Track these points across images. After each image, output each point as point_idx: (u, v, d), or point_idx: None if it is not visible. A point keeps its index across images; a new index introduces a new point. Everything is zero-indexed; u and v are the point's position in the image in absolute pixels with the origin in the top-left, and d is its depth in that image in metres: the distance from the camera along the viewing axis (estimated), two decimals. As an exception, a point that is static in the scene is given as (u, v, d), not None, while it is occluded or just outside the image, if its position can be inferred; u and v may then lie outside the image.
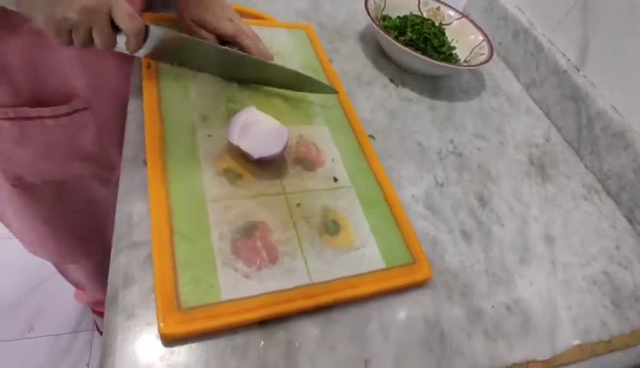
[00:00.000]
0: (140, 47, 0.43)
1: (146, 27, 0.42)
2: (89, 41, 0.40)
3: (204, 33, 0.52)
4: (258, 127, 0.42)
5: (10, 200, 0.62)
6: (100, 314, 1.12)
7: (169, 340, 0.32)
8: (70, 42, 0.39)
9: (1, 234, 1.24)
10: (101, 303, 1.07)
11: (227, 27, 0.51)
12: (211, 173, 0.41)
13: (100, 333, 1.16)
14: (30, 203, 0.63)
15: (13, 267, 1.22)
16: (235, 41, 0.51)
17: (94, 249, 0.80)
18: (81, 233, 0.73)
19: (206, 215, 0.38)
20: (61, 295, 1.17)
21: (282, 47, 0.60)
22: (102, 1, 0.38)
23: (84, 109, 0.55)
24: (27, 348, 1.11)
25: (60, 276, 0.98)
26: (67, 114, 0.54)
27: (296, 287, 0.36)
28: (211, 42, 0.51)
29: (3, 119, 0.50)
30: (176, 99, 0.47)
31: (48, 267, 0.96)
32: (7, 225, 0.71)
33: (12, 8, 0.38)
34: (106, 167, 0.64)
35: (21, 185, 0.59)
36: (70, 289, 1.08)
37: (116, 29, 0.40)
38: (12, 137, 0.53)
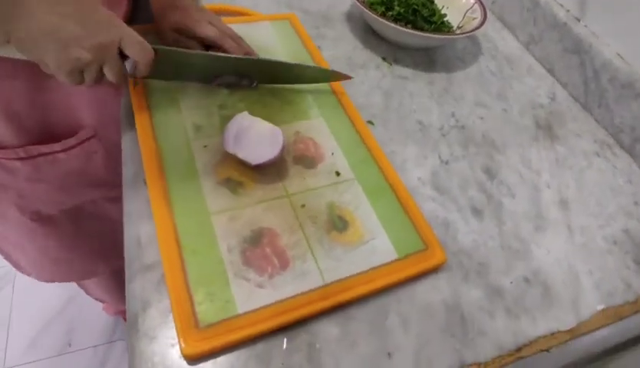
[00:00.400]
0: (148, 72, 0.42)
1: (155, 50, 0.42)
2: (100, 78, 0.39)
3: (184, 40, 0.51)
4: (253, 132, 0.42)
5: (28, 234, 0.63)
6: (132, 322, 1.16)
7: (193, 359, 0.32)
8: (82, 81, 0.39)
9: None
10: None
11: (208, 31, 0.49)
12: (212, 185, 0.41)
13: (134, 340, 1.19)
14: (50, 233, 0.64)
15: (41, 288, 1.26)
16: (216, 44, 0.50)
17: (114, 261, 0.82)
18: (100, 250, 0.75)
19: (212, 228, 0.38)
20: (91, 309, 1.21)
21: (267, 40, 0.58)
22: (112, 36, 0.37)
23: (92, 137, 0.55)
24: (68, 363, 1.15)
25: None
26: (77, 145, 0.54)
27: (311, 290, 0.36)
28: (202, 50, 0.50)
29: (15, 159, 0.51)
30: (168, 113, 0.47)
31: (74, 283, 0.99)
32: (16, 263, 0.72)
33: (15, 56, 0.37)
34: (118, 186, 0.65)
35: (39, 219, 0.60)
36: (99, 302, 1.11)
37: (123, 57, 0.40)
38: (26, 175, 0.53)
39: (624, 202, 0.51)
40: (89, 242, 0.71)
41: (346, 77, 0.53)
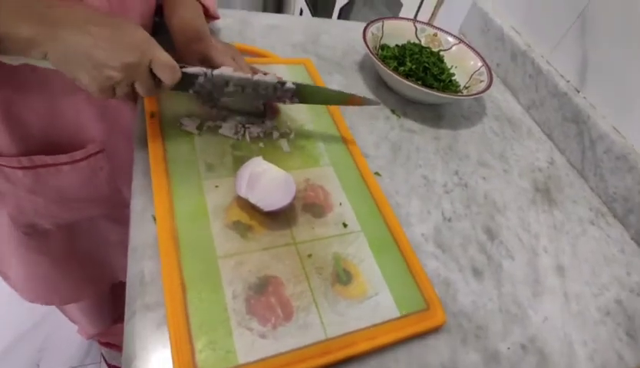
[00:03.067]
0: (171, 88, 0.44)
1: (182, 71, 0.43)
2: (131, 92, 0.41)
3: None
4: (266, 178, 0.42)
5: (18, 248, 0.61)
6: (106, 345, 1.11)
7: (189, 410, 0.32)
8: (113, 96, 0.40)
9: (5, 270, 1.23)
10: (105, 334, 1.06)
11: (230, 64, 0.51)
12: (220, 226, 0.41)
13: (108, 365, 1.15)
14: (41, 248, 0.63)
15: (15, 303, 1.22)
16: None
17: (101, 286, 0.80)
18: (90, 272, 0.73)
19: (218, 272, 0.38)
20: (65, 329, 1.16)
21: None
22: (143, 56, 0.39)
23: (100, 152, 0.55)
24: (34, 384, 1.10)
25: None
26: (84, 159, 0.54)
27: (312, 344, 0.36)
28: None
29: (17, 168, 0.50)
30: (181, 149, 0.47)
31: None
32: (5, 275, 0.70)
33: (46, 65, 0.38)
34: (118, 206, 0.64)
35: (33, 232, 0.59)
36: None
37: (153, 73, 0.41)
38: (25, 186, 0.53)
39: (617, 271, 0.53)
40: (80, 262, 0.70)
41: (377, 103, 0.54)
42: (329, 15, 1.49)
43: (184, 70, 0.44)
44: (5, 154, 0.49)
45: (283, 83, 0.50)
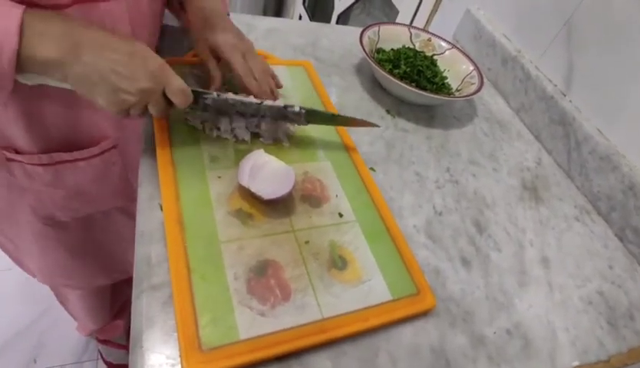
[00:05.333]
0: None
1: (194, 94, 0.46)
2: (144, 112, 0.43)
3: (212, 64, 0.54)
4: (267, 169, 0.45)
5: (39, 238, 0.64)
6: (104, 343, 1.13)
7: (192, 380, 0.34)
8: (127, 116, 0.43)
9: (1, 267, 1.25)
10: (103, 331, 1.07)
11: (237, 63, 0.52)
12: (223, 214, 0.44)
13: (105, 362, 1.16)
14: (59, 238, 0.65)
15: (13, 299, 1.23)
16: (240, 79, 0.52)
17: (114, 275, 0.82)
18: (104, 262, 0.76)
19: (221, 255, 0.40)
20: (63, 326, 1.17)
21: (283, 83, 0.63)
22: (157, 82, 0.41)
23: (113, 147, 0.58)
24: (30, 380, 1.10)
25: (61, 306, 0.99)
26: (98, 155, 0.56)
27: (309, 323, 0.38)
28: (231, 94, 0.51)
29: (37, 165, 0.53)
30: (187, 141, 0.50)
31: (49, 297, 0.97)
32: (20, 264, 0.73)
33: (64, 86, 0.41)
34: (131, 200, 0.67)
35: (53, 224, 0.62)
36: (72, 319, 1.08)
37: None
38: (45, 181, 0.55)
39: (599, 265, 0.55)
40: (95, 253, 0.73)
41: (375, 125, 0.55)
42: (327, 21, 1.53)
43: (193, 89, 0.46)
44: (27, 152, 0.52)
45: (291, 107, 0.51)
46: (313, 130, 0.57)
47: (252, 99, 0.50)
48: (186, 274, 0.38)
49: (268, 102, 0.50)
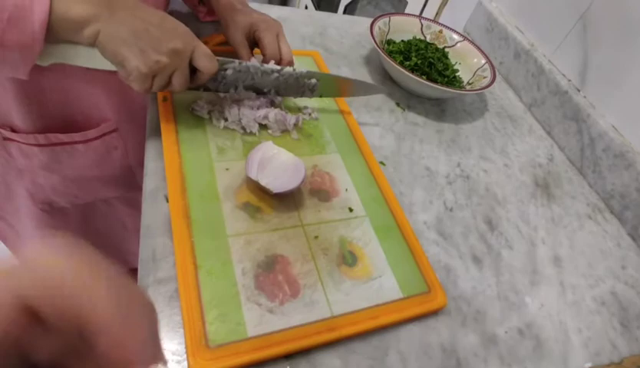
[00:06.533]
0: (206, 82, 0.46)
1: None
2: (167, 85, 0.43)
3: (245, 49, 0.53)
4: (276, 161, 0.44)
5: (37, 225, 0.63)
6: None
7: (199, 377, 0.33)
8: (150, 87, 0.42)
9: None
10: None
11: (268, 43, 0.52)
12: (231, 207, 0.43)
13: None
14: (58, 226, 0.64)
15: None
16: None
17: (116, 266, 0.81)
18: (104, 254, 0.75)
19: (228, 250, 0.39)
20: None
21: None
22: (187, 43, 0.41)
23: (114, 131, 0.56)
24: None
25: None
26: (98, 137, 0.55)
27: (318, 321, 0.37)
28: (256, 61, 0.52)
29: (34, 145, 0.52)
30: (194, 132, 0.48)
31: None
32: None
33: (81, 63, 0.40)
34: (132, 188, 0.65)
35: (50, 209, 0.61)
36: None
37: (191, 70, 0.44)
38: (42, 163, 0.54)
39: (612, 264, 0.54)
40: (96, 243, 0.71)
41: (383, 91, 0.57)
42: (333, 12, 1.50)
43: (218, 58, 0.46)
44: (22, 131, 0.50)
45: (309, 79, 0.52)
46: (322, 122, 0.55)
47: (272, 64, 0.51)
48: (193, 269, 0.37)
49: (289, 68, 0.51)
